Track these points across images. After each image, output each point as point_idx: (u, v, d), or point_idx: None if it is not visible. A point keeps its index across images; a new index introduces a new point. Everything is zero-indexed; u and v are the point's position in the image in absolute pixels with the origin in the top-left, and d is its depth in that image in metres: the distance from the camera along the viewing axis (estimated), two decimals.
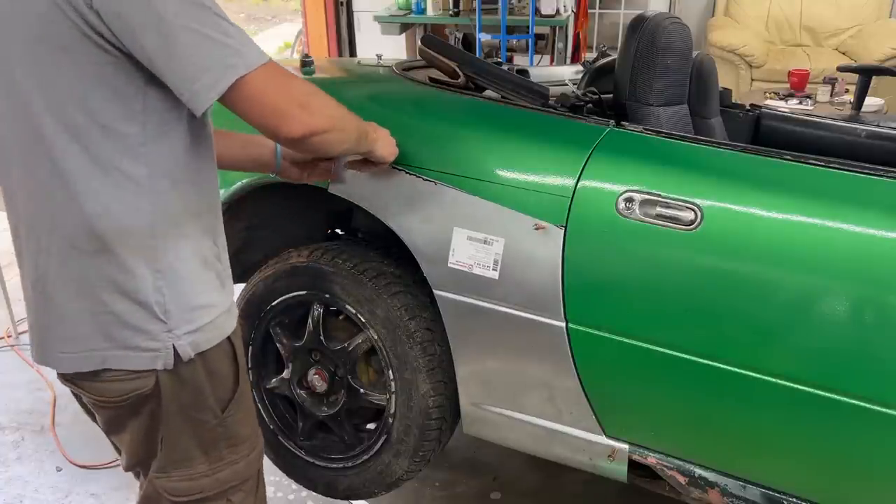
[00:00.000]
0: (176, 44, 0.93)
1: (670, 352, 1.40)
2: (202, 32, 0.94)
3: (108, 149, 1.00)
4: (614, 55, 1.92)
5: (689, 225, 1.36)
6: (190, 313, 1.09)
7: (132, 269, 1.04)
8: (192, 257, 1.09)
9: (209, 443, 1.19)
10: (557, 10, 4.88)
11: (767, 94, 4.20)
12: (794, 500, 1.44)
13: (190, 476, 1.21)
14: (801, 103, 3.97)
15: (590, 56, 3.22)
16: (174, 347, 1.08)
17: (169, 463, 1.19)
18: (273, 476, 2.19)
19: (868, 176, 1.34)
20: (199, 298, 1.10)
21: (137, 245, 1.04)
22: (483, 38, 4.81)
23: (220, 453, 1.20)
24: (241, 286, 1.93)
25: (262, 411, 1.93)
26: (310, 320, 1.78)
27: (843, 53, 5.45)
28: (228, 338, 1.16)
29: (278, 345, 1.86)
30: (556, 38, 5.04)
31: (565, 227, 1.44)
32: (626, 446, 1.57)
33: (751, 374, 1.35)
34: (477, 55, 3.18)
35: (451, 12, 5.13)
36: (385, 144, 1.41)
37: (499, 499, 2.15)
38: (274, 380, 1.89)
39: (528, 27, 4.80)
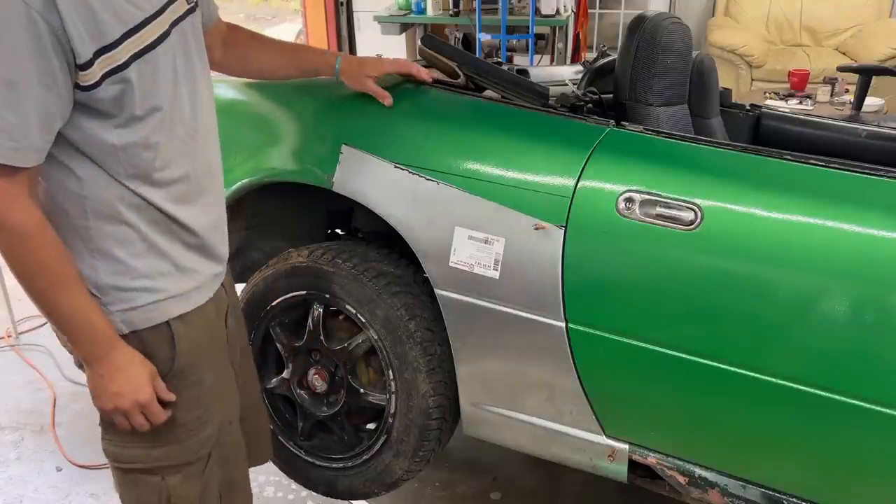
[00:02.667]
0: None
1: (670, 352, 1.40)
2: None
3: (56, 143, 1.07)
4: (614, 55, 1.92)
5: (689, 225, 1.36)
6: (126, 293, 1.15)
7: (72, 245, 1.12)
8: (136, 244, 1.15)
9: None
10: (557, 10, 4.88)
11: (767, 94, 4.20)
12: (794, 500, 1.44)
13: (124, 443, 1.24)
14: (801, 103, 3.96)
15: (590, 56, 3.21)
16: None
17: (110, 424, 1.23)
18: (273, 476, 2.19)
19: (868, 176, 1.34)
20: (139, 282, 1.16)
21: (74, 226, 1.12)
22: (483, 38, 4.81)
23: (155, 431, 1.23)
24: (241, 286, 1.93)
25: None
26: (310, 320, 1.78)
27: (843, 53, 5.45)
28: (168, 323, 1.20)
29: (278, 345, 1.86)
30: (556, 38, 5.04)
31: (565, 227, 1.44)
32: (626, 446, 1.57)
33: (751, 374, 1.35)
34: (477, 55, 3.18)
35: (451, 12, 5.13)
36: (103, 389, 1.16)
37: (499, 499, 2.15)
38: (274, 380, 1.89)
39: (528, 27, 4.80)
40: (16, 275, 1.08)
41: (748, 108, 2.20)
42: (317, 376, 1.82)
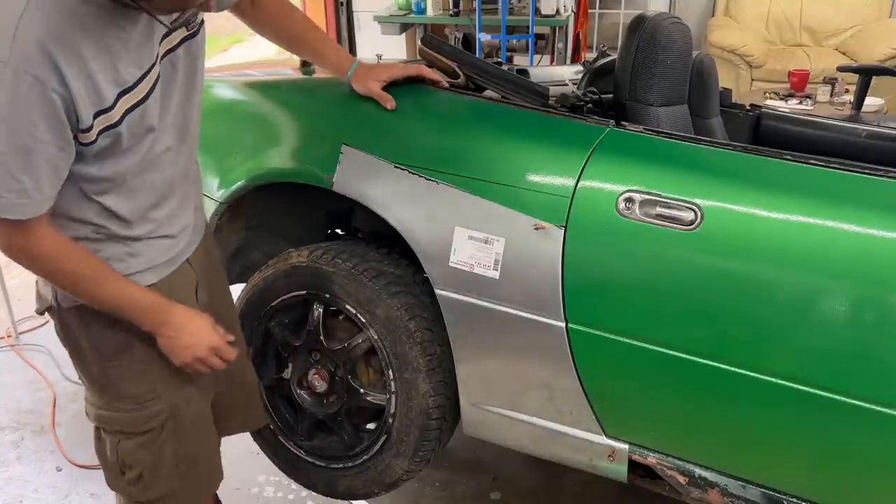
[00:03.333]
0: None
1: (670, 352, 1.40)
2: None
3: None
4: (614, 55, 1.92)
5: (689, 225, 1.36)
6: None
7: None
8: (90, 235, 1.25)
9: (96, 384, 1.37)
10: (557, 10, 4.88)
11: (767, 94, 4.20)
12: (794, 500, 1.44)
13: (91, 402, 1.41)
14: (801, 103, 3.97)
15: (590, 56, 3.22)
16: (54, 291, 1.31)
17: (87, 385, 1.41)
18: (273, 476, 2.19)
19: (868, 176, 1.34)
20: None
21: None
22: (483, 38, 4.82)
23: (107, 397, 1.37)
24: (241, 286, 1.93)
25: None
26: (310, 320, 1.78)
27: (843, 53, 5.45)
28: None
29: (278, 345, 1.86)
30: (556, 38, 5.04)
31: (565, 227, 1.44)
32: (626, 446, 1.57)
33: (751, 374, 1.35)
34: (477, 55, 3.18)
35: (451, 12, 5.13)
36: (176, 347, 1.32)
37: (499, 499, 2.15)
38: (274, 380, 1.89)
39: (528, 27, 4.81)
40: (60, 287, 1.26)
41: (748, 108, 2.20)
42: (317, 376, 1.82)
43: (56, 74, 1.05)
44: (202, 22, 1.30)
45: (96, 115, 1.11)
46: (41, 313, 1.38)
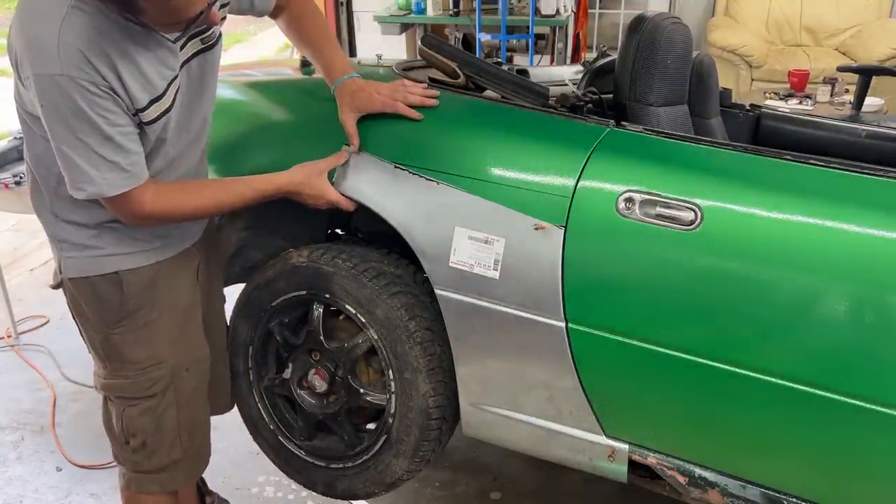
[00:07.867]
0: (58, 154, 1.30)
1: (670, 352, 1.40)
2: (70, 156, 1.28)
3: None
4: (614, 55, 1.92)
5: (689, 225, 1.36)
6: (76, 247, 1.45)
7: (46, 217, 1.46)
8: (87, 218, 1.42)
9: (101, 352, 1.52)
10: (557, 10, 4.88)
11: (767, 94, 4.21)
12: (794, 500, 1.44)
13: (98, 374, 1.57)
14: (801, 103, 3.97)
15: (590, 56, 3.22)
16: (58, 264, 1.50)
17: (96, 358, 1.56)
18: (273, 476, 2.19)
19: (868, 176, 1.34)
20: (88, 241, 1.44)
21: (49, 205, 1.44)
22: (483, 38, 4.82)
23: (112, 365, 1.52)
24: (241, 286, 1.93)
25: (263, 411, 1.93)
26: (310, 320, 1.78)
27: (843, 53, 5.45)
28: (118, 272, 1.46)
29: (278, 345, 1.86)
30: (556, 38, 5.04)
31: (565, 227, 1.44)
32: (625, 446, 1.57)
33: (751, 374, 1.35)
34: (477, 55, 3.18)
35: (451, 12, 5.13)
36: (310, 199, 1.60)
37: (499, 499, 2.15)
38: (274, 379, 1.89)
39: (528, 27, 4.81)
40: (194, 220, 1.53)
41: (748, 108, 2.20)
42: (317, 376, 1.82)
43: (99, 75, 1.22)
44: (220, 36, 1.41)
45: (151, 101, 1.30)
46: (56, 288, 1.53)
